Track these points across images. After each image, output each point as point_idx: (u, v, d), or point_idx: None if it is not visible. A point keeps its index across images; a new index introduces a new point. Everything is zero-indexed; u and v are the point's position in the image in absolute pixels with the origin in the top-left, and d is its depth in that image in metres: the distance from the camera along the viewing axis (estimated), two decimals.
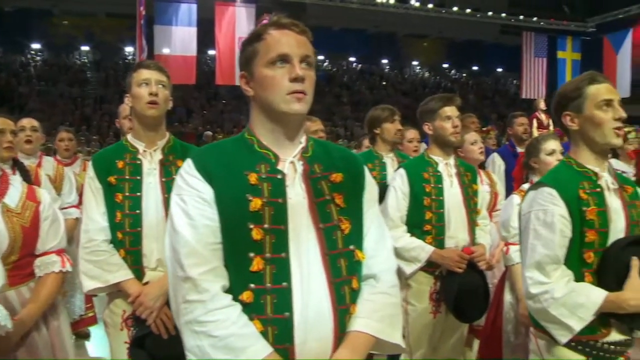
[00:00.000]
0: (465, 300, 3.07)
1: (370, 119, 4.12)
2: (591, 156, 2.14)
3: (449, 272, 3.11)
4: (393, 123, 4.04)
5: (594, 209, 2.04)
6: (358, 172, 1.76)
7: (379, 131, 4.06)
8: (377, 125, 4.07)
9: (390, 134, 4.04)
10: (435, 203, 3.14)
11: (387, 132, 4.04)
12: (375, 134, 4.09)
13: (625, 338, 2.10)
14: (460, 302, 3.07)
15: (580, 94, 2.11)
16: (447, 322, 3.22)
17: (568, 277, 2.04)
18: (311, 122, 4.90)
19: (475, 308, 3.15)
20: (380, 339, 1.64)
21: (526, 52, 19.15)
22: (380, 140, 4.08)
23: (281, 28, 1.65)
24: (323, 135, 4.94)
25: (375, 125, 4.08)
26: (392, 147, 4.10)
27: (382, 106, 4.20)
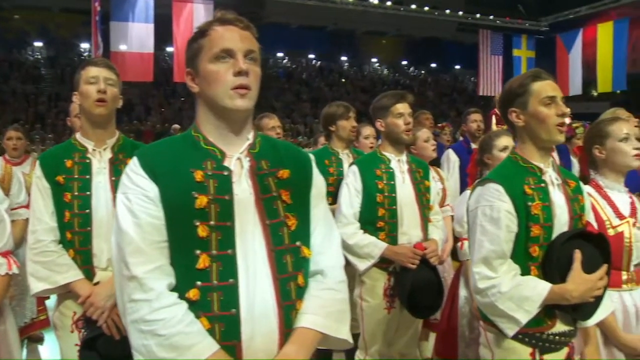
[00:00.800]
0: (419, 295, 3.10)
1: (326, 116, 4.13)
2: (536, 152, 2.18)
3: (402, 268, 3.14)
4: (348, 120, 4.06)
5: (538, 204, 2.09)
6: (305, 168, 1.77)
7: (334, 128, 4.08)
8: (332, 122, 4.08)
9: (345, 131, 4.06)
10: (388, 200, 3.17)
11: (343, 129, 4.06)
12: (330, 130, 4.11)
13: (569, 329, 2.16)
14: (414, 297, 3.10)
15: (525, 91, 2.16)
16: (402, 317, 3.25)
17: (514, 271, 2.08)
18: (268, 119, 4.89)
19: (429, 303, 3.19)
20: (327, 335, 1.65)
21: (483, 50, 19.48)
22: (336, 137, 4.10)
23: (225, 24, 1.65)
24: (280, 132, 4.94)
25: (330, 122, 4.10)
26: (347, 144, 4.12)
27: (338, 103, 4.21)
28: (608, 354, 2.59)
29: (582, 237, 2.12)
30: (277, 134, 4.86)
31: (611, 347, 2.59)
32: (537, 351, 2.12)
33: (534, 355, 2.12)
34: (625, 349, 2.57)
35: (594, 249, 2.12)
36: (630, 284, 2.62)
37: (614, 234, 2.57)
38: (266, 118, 4.93)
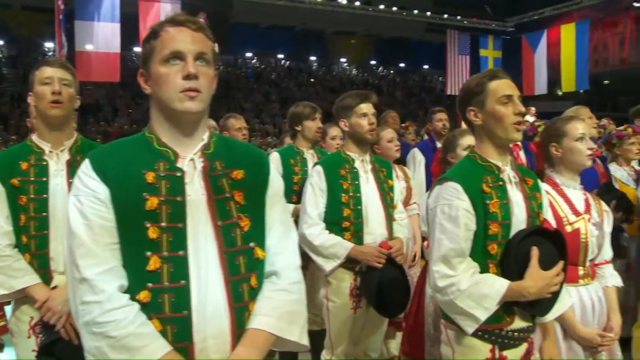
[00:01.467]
0: (386, 294, 3.11)
1: (292, 116, 4.14)
2: (494, 150, 2.21)
3: (368, 267, 3.14)
4: (314, 121, 4.07)
5: (496, 202, 2.11)
6: (262, 169, 1.76)
7: (300, 128, 4.09)
8: (298, 122, 4.09)
9: (311, 131, 4.07)
10: (353, 200, 3.18)
11: (308, 129, 4.07)
12: (296, 130, 4.11)
13: (528, 325, 2.20)
14: (381, 296, 3.11)
15: (482, 90, 2.18)
16: (368, 317, 3.26)
17: (473, 269, 2.10)
18: (235, 120, 4.87)
19: (396, 302, 3.21)
20: (280, 337, 1.65)
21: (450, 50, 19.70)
22: (302, 137, 4.11)
23: (177, 25, 1.64)
24: (246, 133, 4.93)
25: (296, 122, 4.10)
26: (313, 144, 4.13)
27: (304, 103, 4.22)
28: (567, 348, 2.64)
29: (540, 235, 2.15)
30: (244, 135, 4.84)
31: (570, 341, 2.64)
32: (497, 347, 2.15)
33: (493, 351, 2.15)
34: (584, 342, 2.63)
35: (551, 246, 2.16)
36: (586, 279, 2.68)
37: (571, 230, 2.62)
38: (232, 118, 4.91)
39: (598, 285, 2.75)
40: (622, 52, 26.09)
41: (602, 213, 2.77)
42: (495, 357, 2.15)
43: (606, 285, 2.78)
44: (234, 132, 4.80)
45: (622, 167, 4.54)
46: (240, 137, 4.80)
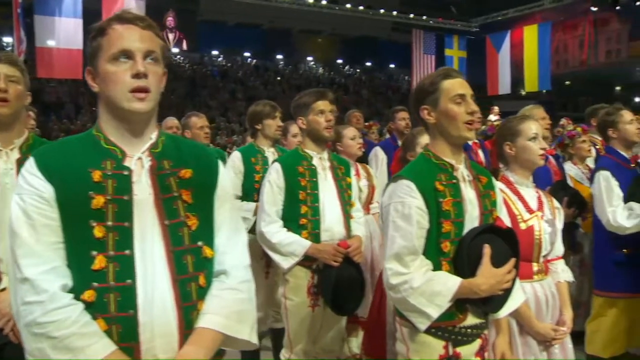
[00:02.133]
0: (342, 293, 3.11)
1: (252, 114, 4.13)
2: (447, 149, 2.22)
3: (325, 265, 3.14)
4: (274, 119, 4.07)
5: (449, 200, 2.13)
6: (210, 168, 1.75)
7: (260, 127, 4.08)
8: (258, 120, 4.08)
9: (271, 130, 4.06)
10: (310, 197, 3.17)
11: (268, 127, 4.06)
12: (256, 129, 4.10)
13: (481, 321, 2.22)
14: (338, 295, 3.11)
15: (435, 89, 2.19)
16: (326, 315, 3.25)
17: (426, 266, 2.11)
18: (197, 118, 4.83)
19: (352, 300, 3.21)
20: (228, 335, 1.65)
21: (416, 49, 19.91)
22: (262, 136, 4.09)
23: (125, 23, 1.62)
24: (208, 132, 4.90)
25: (256, 121, 4.09)
26: (273, 142, 4.12)
27: (264, 102, 4.21)
28: (523, 343, 2.68)
29: (492, 232, 2.18)
30: (206, 133, 4.81)
31: (526, 336, 2.68)
32: (450, 344, 2.16)
33: (447, 348, 2.16)
34: (539, 337, 2.67)
35: (503, 244, 2.18)
36: (540, 275, 2.73)
37: (525, 227, 2.66)
38: (194, 117, 4.87)
39: (551, 281, 2.80)
40: (581, 54, 26.72)
41: (554, 210, 2.82)
42: (449, 354, 2.17)
43: (559, 281, 2.83)
44: (195, 131, 4.76)
45: (576, 166, 4.64)
46: (203, 135, 4.77)
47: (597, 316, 3.97)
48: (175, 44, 24.94)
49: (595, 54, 28.32)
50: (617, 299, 3.85)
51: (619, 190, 3.71)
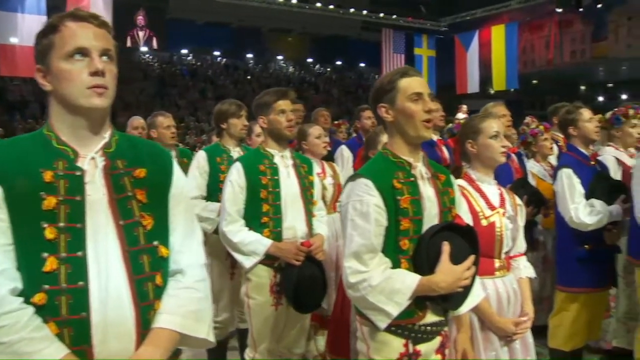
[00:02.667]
0: (304, 291, 3.11)
1: (217, 113, 4.08)
2: (405, 147, 2.21)
3: (287, 264, 3.13)
4: (239, 118, 4.02)
5: (407, 198, 2.12)
6: (165, 167, 1.74)
7: (225, 126, 4.03)
8: (224, 119, 4.04)
9: (236, 129, 4.02)
10: (272, 195, 3.16)
11: (234, 127, 4.02)
12: (222, 128, 4.06)
13: (440, 319, 2.22)
14: (300, 293, 3.10)
15: (393, 87, 2.18)
16: (289, 313, 3.24)
17: (385, 264, 2.10)
18: (163, 118, 4.75)
19: (314, 299, 3.21)
20: (185, 335, 1.63)
21: (386, 48, 20.03)
22: (227, 135, 4.05)
23: (79, 20, 1.59)
24: (175, 131, 4.83)
25: (221, 120, 4.05)
26: (238, 142, 4.09)
27: (230, 101, 4.17)
28: (484, 338, 2.69)
29: (451, 230, 2.18)
30: (172, 133, 4.74)
31: (487, 331, 2.69)
32: (410, 342, 2.16)
33: (407, 346, 2.16)
34: (500, 332, 2.69)
35: (462, 241, 2.18)
36: (502, 271, 2.74)
37: (486, 224, 2.67)
38: (160, 116, 4.79)
39: (513, 277, 2.82)
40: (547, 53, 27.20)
41: (516, 207, 2.84)
42: (409, 352, 2.16)
43: (520, 277, 2.85)
44: (162, 130, 4.69)
45: (539, 164, 4.70)
46: (169, 135, 4.70)
47: (559, 311, 4.03)
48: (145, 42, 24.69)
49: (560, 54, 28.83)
50: (578, 294, 3.91)
51: (580, 187, 3.77)
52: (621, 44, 27.96)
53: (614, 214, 3.71)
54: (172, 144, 4.77)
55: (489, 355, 2.68)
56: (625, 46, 27.85)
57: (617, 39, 27.99)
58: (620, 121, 4.40)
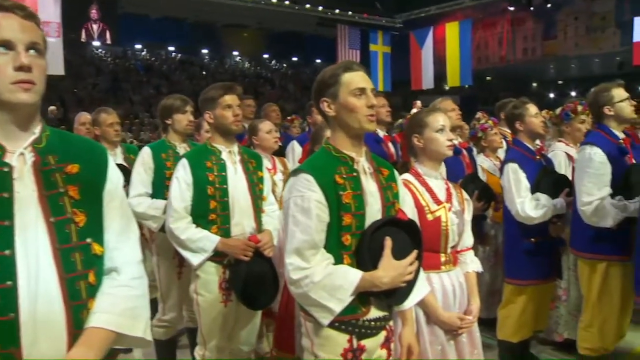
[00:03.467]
0: (253, 287, 3.09)
1: (162, 108, 3.99)
2: (348, 141, 2.19)
3: (236, 260, 3.11)
4: (184, 114, 3.94)
5: (349, 193, 2.10)
6: (99, 163, 1.68)
7: (170, 121, 3.95)
8: (168, 115, 3.95)
9: (181, 124, 3.94)
10: (220, 192, 3.12)
11: (179, 122, 3.94)
12: (167, 124, 3.97)
13: (384, 314, 2.21)
14: (249, 289, 3.08)
15: (335, 82, 2.16)
16: (240, 310, 3.22)
17: (327, 260, 2.08)
18: (106, 114, 4.63)
19: (264, 295, 3.18)
20: (121, 334, 1.59)
21: (341, 45, 20.07)
22: (172, 131, 3.97)
23: (2, 11, 1.51)
24: (119, 128, 4.71)
25: (166, 116, 3.96)
26: (184, 138, 4.00)
27: (175, 96, 4.08)
28: (430, 332, 2.71)
29: (394, 225, 2.17)
30: (116, 130, 4.63)
31: (433, 326, 2.71)
32: (355, 337, 2.15)
33: (351, 341, 2.14)
34: (445, 326, 2.71)
35: (405, 236, 2.18)
36: (448, 266, 2.76)
37: (432, 218, 2.68)
38: (104, 113, 4.67)
39: (459, 271, 2.84)
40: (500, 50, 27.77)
41: (463, 202, 2.86)
42: (354, 347, 2.15)
43: (467, 271, 2.88)
44: (105, 128, 4.58)
45: (488, 158, 4.76)
46: (113, 133, 4.59)
47: (507, 303, 4.09)
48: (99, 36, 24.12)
49: (513, 51, 29.48)
50: (525, 286, 3.98)
51: (526, 181, 3.83)
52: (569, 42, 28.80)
53: (557, 207, 3.78)
54: (117, 141, 4.66)
55: (435, 349, 2.70)
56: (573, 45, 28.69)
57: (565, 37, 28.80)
58: (570, 117, 4.49)
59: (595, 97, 3.74)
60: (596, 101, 3.73)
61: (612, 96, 3.67)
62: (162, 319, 3.86)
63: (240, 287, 3.07)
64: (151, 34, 28.60)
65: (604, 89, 3.72)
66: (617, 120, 3.67)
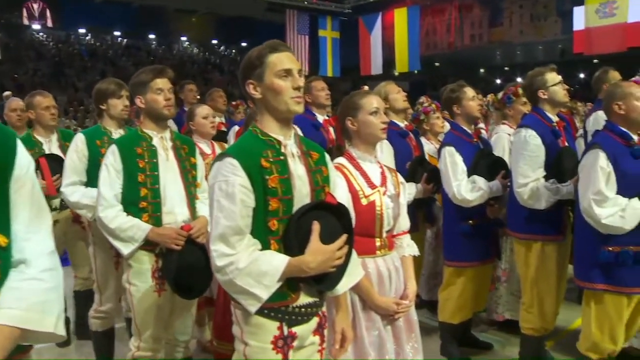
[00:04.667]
0: (186, 276, 3.01)
1: (96, 93, 3.85)
2: (275, 124, 2.14)
3: (168, 249, 3.02)
4: (120, 99, 3.80)
5: (276, 177, 2.05)
6: (6, 147, 1.55)
7: (105, 107, 3.81)
8: (102, 100, 3.81)
9: (116, 110, 3.80)
10: (150, 179, 3.03)
11: (113, 107, 3.80)
12: (101, 109, 3.83)
13: (315, 300, 2.16)
14: (182, 279, 3.01)
15: (261, 63, 2.09)
16: (174, 299, 3.14)
17: (253, 246, 2.03)
18: (42, 97, 4.44)
19: (197, 283, 3.12)
20: (29, 330, 1.48)
21: (290, 30, 19.89)
22: (108, 116, 3.82)
23: None
24: (55, 112, 4.52)
25: (100, 101, 3.82)
26: (121, 124, 3.86)
27: (110, 80, 3.94)
28: (366, 318, 2.69)
29: (323, 209, 2.13)
30: (52, 114, 4.45)
31: (369, 311, 2.69)
32: (285, 324, 2.10)
33: (281, 329, 2.09)
34: (381, 311, 2.69)
35: (334, 220, 2.14)
36: (383, 250, 2.74)
37: (366, 203, 2.66)
38: (39, 96, 4.48)
39: (396, 256, 2.82)
40: (449, 37, 28.10)
41: (399, 185, 2.83)
42: (284, 334, 2.10)
43: (403, 255, 2.86)
44: (40, 111, 4.39)
45: (430, 141, 4.78)
46: (48, 116, 4.41)
47: (447, 285, 4.14)
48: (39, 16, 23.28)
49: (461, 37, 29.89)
50: (464, 268, 4.03)
51: (463, 164, 3.86)
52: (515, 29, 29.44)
53: (494, 189, 3.83)
54: (54, 126, 4.48)
55: (372, 334, 2.69)
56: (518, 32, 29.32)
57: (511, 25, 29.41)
58: (512, 100, 4.56)
59: (531, 80, 3.80)
60: (531, 85, 3.79)
61: (546, 80, 3.73)
62: (99, 310, 3.75)
63: (171, 276, 3.00)
64: (95, 18, 27.85)
65: (538, 72, 3.78)
66: (551, 103, 3.74)
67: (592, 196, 3.13)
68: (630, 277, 3.19)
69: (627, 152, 3.21)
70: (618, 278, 3.20)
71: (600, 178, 3.13)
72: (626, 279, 3.19)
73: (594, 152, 3.20)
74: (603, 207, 3.11)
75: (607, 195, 3.11)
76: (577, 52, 15.75)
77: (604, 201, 3.11)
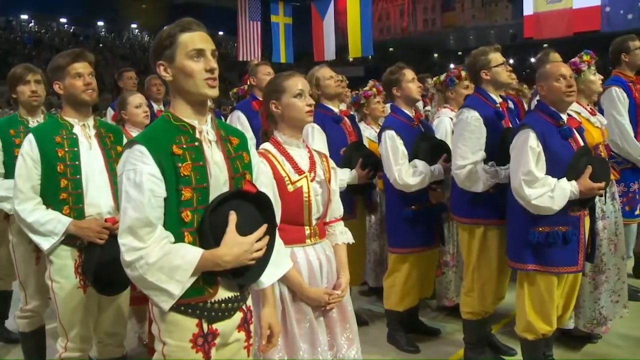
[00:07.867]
0: (108, 271, 2.84)
1: (8, 79, 3.64)
2: (189, 109, 2.00)
3: (89, 243, 2.87)
4: (27, 85, 3.59)
5: (189, 165, 1.91)
6: None
7: (16, 94, 3.60)
8: (13, 87, 3.63)
9: (24, 96, 3.60)
10: (71, 169, 2.85)
11: (22, 94, 3.61)
12: (14, 97, 3.62)
13: (236, 294, 2.04)
14: (102, 274, 2.85)
15: (172, 43, 1.95)
16: (102, 296, 2.99)
17: (165, 239, 1.89)
18: None
19: (119, 279, 2.95)
20: None
21: (242, 16, 19.60)
22: (21, 104, 3.62)
23: None
24: None
25: (12, 88, 3.62)
26: (37, 111, 3.66)
27: (22, 65, 3.71)
28: (296, 310, 2.59)
29: (241, 197, 2.00)
30: None
31: (299, 303, 2.60)
32: (204, 321, 1.98)
33: (200, 325, 1.97)
34: (312, 302, 2.60)
35: (254, 209, 2.02)
36: (313, 239, 2.64)
37: (293, 189, 2.55)
38: None
39: (327, 244, 2.72)
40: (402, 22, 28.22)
41: (330, 170, 2.72)
42: (204, 332, 1.98)
43: (337, 243, 2.76)
44: None
45: (370, 126, 4.70)
46: None
47: (392, 272, 4.08)
48: None
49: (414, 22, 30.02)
50: (408, 254, 3.97)
51: (404, 148, 3.79)
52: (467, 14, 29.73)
53: (435, 173, 3.77)
54: None
55: (303, 326, 2.59)
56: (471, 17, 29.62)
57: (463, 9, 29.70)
58: (454, 82, 4.49)
59: (474, 60, 3.72)
60: (474, 64, 3.71)
61: (489, 60, 3.66)
62: (25, 309, 3.55)
63: (91, 271, 2.85)
64: (40, 3, 26.93)
65: (481, 52, 3.71)
66: (494, 84, 3.67)
67: (522, 176, 3.12)
68: (560, 257, 3.23)
69: (557, 132, 3.20)
70: (548, 258, 3.23)
71: (530, 158, 3.12)
72: (555, 259, 3.23)
73: (524, 132, 3.19)
74: (533, 187, 3.12)
75: (537, 175, 3.11)
76: (527, 36, 15.94)
77: (534, 181, 3.11)
